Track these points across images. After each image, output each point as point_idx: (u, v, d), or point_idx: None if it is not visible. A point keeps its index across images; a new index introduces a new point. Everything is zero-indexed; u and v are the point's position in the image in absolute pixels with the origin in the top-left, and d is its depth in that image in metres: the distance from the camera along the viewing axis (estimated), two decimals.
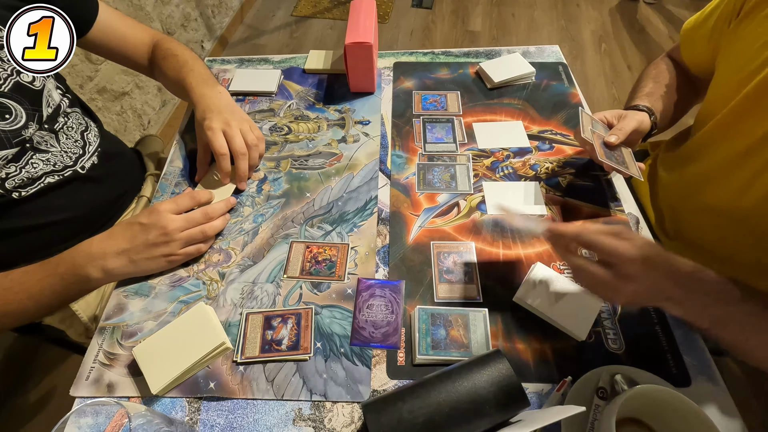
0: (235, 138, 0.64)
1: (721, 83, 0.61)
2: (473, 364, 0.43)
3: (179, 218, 0.56)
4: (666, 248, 0.44)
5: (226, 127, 0.64)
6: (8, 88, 0.57)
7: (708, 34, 0.64)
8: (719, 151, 0.60)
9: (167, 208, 0.56)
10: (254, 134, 0.67)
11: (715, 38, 0.63)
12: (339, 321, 0.54)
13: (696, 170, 0.65)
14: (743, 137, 0.56)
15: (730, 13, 0.60)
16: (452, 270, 0.58)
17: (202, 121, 0.65)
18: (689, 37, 0.69)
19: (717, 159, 0.60)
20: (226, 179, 0.65)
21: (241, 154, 0.64)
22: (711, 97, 0.64)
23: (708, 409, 0.39)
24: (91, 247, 0.54)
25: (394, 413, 0.40)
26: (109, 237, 0.55)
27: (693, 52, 0.68)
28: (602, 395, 0.45)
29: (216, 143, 0.62)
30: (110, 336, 0.53)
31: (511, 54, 0.87)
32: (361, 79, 0.80)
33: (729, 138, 0.58)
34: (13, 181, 0.60)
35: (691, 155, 0.67)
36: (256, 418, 0.47)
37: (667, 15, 2.36)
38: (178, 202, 0.58)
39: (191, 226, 0.57)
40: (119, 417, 0.46)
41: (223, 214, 0.61)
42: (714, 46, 0.63)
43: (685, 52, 0.70)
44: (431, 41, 2.27)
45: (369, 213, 0.64)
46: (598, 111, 0.64)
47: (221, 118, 0.65)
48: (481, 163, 0.70)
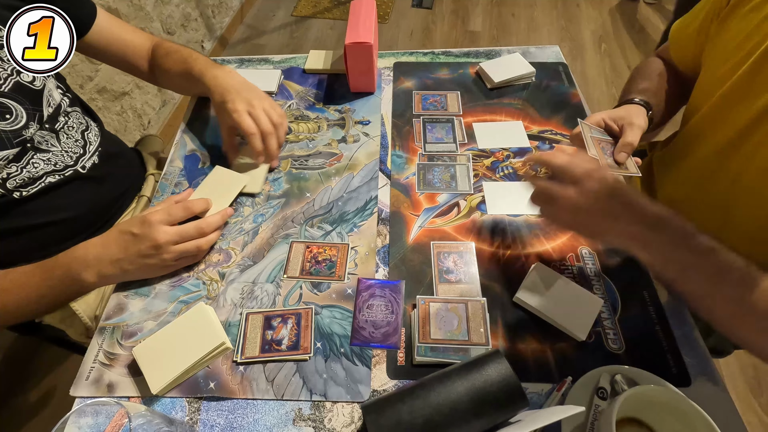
0: (261, 117, 0.64)
1: (706, 77, 0.62)
2: (473, 365, 0.43)
3: (171, 231, 0.54)
4: None
5: (250, 108, 0.64)
6: (8, 88, 0.57)
7: (696, 32, 0.64)
8: (707, 144, 0.61)
9: (159, 219, 0.55)
10: (276, 112, 0.67)
11: (702, 35, 0.63)
12: (339, 321, 0.54)
13: (688, 165, 0.65)
14: (729, 128, 0.56)
15: (716, 9, 0.60)
16: (452, 270, 0.58)
17: (224, 104, 0.64)
18: (678, 37, 0.69)
19: (706, 152, 0.61)
20: (261, 158, 0.65)
21: (269, 133, 0.64)
22: (696, 92, 0.64)
23: (708, 409, 0.39)
24: (87, 253, 0.54)
25: (393, 414, 0.40)
26: (103, 245, 0.55)
27: (682, 50, 0.69)
28: (602, 395, 0.45)
29: (245, 124, 0.63)
30: (110, 336, 0.53)
31: (511, 54, 0.87)
32: (361, 79, 0.80)
33: (715, 130, 0.59)
34: (14, 180, 0.60)
35: (682, 150, 0.67)
36: (256, 418, 0.47)
37: (667, 15, 2.36)
38: (171, 212, 0.56)
39: (183, 240, 0.56)
40: (119, 417, 0.46)
41: (217, 229, 0.60)
42: (701, 43, 0.63)
43: (674, 50, 0.70)
44: (431, 41, 2.27)
45: (369, 213, 0.64)
46: (598, 111, 0.64)
47: (243, 99, 0.65)
48: (481, 163, 0.70)
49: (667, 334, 0.52)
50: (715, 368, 0.49)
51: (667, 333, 0.52)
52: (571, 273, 0.57)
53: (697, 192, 0.63)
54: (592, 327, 0.51)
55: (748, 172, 0.55)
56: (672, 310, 0.54)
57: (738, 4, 0.56)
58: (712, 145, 0.60)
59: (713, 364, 0.50)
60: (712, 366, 0.49)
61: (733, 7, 0.57)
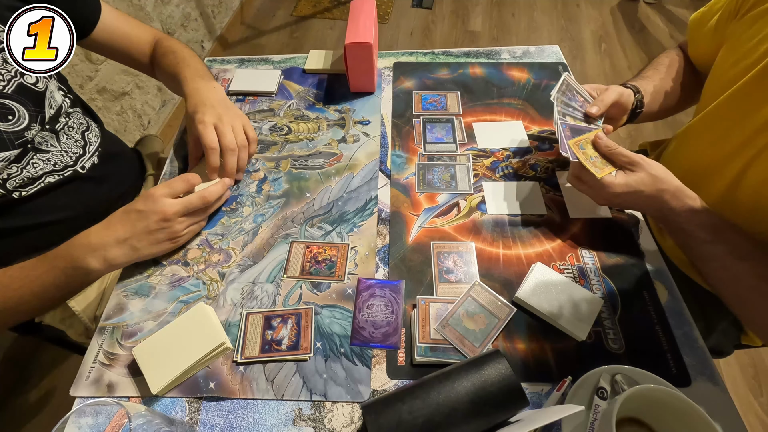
0: (227, 135, 0.63)
1: (715, 79, 0.62)
2: (473, 364, 0.43)
3: (177, 203, 0.56)
4: (665, 248, 0.44)
5: (218, 122, 0.63)
6: (12, 89, 0.57)
7: (712, 32, 0.64)
8: (710, 147, 0.60)
9: (163, 193, 0.55)
10: (248, 134, 0.67)
11: (718, 36, 0.63)
12: (339, 321, 0.54)
13: (690, 166, 0.65)
14: (734, 132, 0.56)
15: (731, 11, 0.60)
16: (452, 270, 0.58)
17: (194, 114, 0.63)
18: (695, 34, 0.69)
19: (709, 155, 0.61)
20: (213, 175, 0.63)
21: (230, 150, 0.63)
22: (704, 93, 0.64)
23: (708, 409, 0.39)
24: (89, 238, 0.53)
25: (393, 414, 0.40)
26: (106, 227, 0.54)
27: (697, 48, 0.69)
28: (602, 395, 0.45)
29: (207, 137, 0.61)
30: (110, 336, 0.53)
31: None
32: (361, 79, 0.80)
33: (719, 133, 0.59)
34: (14, 181, 0.60)
35: (685, 151, 0.67)
36: (256, 418, 0.47)
37: (667, 15, 2.36)
38: (173, 185, 0.57)
39: (188, 210, 0.57)
40: (119, 417, 0.46)
41: (219, 198, 0.61)
42: (717, 44, 0.63)
43: (690, 47, 0.70)
44: (431, 41, 2.27)
45: (369, 213, 0.64)
46: None
47: (214, 113, 0.64)
48: (481, 163, 0.70)
49: (667, 334, 0.52)
50: (715, 368, 0.49)
51: (667, 333, 0.52)
52: (571, 273, 0.57)
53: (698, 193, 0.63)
54: (592, 327, 0.51)
55: (746, 180, 0.55)
56: (672, 310, 0.54)
57: (752, 7, 0.56)
58: (716, 146, 0.59)
59: (713, 364, 0.50)
60: (712, 366, 0.49)
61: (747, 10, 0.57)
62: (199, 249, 0.61)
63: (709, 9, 0.66)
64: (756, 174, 0.53)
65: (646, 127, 1.82)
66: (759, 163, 0.53)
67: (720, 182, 0.58)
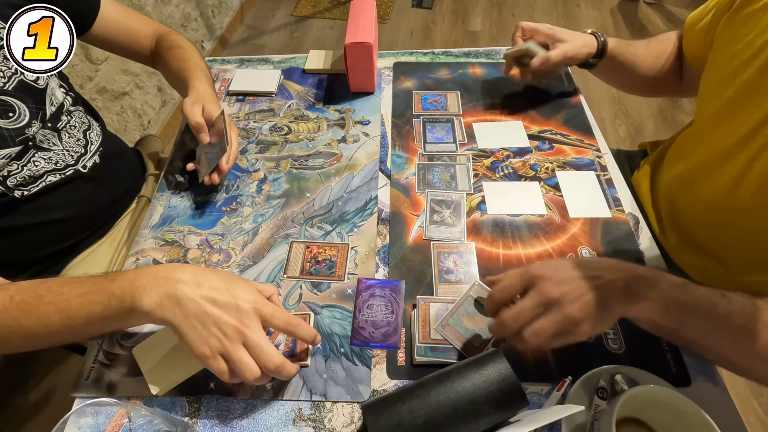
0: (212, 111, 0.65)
1: (711, 77, 0.62)
2: (473, 364, 0.43)
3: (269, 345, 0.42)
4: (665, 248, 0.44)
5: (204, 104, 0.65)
6: (12, 86, 0.57)
7: (705, 29, 0.64)
8: (712, 144, 0.61)
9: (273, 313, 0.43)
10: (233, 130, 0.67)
11: (711, 33, 0.63)
12: (339, 321, 0.54)
13: (691, 165, 0.65)
14: (734, 130, 0.56)
15: (724, 8, 0.60)
16: (452, 270, 0.58)
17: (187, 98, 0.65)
18: (690, 30, 0.69)
19: (710, 153, 0.61)
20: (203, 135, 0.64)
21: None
22: (702, 91, 0.64)
23: (708, 409, 0.39)
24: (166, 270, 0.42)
25: (393, 414, 0.40)
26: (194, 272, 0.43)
27: (691, 44, 0.69)
28: (602, 395, 0.45)
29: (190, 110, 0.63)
30: (110, 336, 0.53)
31: None
32: (361, 79, 0.80)
33: (720, 131, 0.59)
34: (14, 179, 0.60)
35: (687, 150, 0.67)
36: (256, 418, 0.47)
37: (667, 15, 2.36)
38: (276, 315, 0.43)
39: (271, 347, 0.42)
40: (119, 417, 0.46)
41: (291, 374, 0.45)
42: (710, 41, 0.63)
43: (685, 43, 0.71)
44: (431, 41, 2.27)
45: (369, 213, 0.64)
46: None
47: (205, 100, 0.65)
48: (481, 163, 0.70)
49: None
50: (715, 368, 0.49)
51: None
52: None
53: (696, 193, 0.63)
54: None
55: (749, 176, 0.55)
56: None
57: (744, 4, 0.56)
58: (716, 146, 0.59)
59: (713, 365, 0.49)
60: (712, 366, 0.49)
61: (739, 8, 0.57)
62: (199, 249, 0.61)
63: (705, 7, 0.67)
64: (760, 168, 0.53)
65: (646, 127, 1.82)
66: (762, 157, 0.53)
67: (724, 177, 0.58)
